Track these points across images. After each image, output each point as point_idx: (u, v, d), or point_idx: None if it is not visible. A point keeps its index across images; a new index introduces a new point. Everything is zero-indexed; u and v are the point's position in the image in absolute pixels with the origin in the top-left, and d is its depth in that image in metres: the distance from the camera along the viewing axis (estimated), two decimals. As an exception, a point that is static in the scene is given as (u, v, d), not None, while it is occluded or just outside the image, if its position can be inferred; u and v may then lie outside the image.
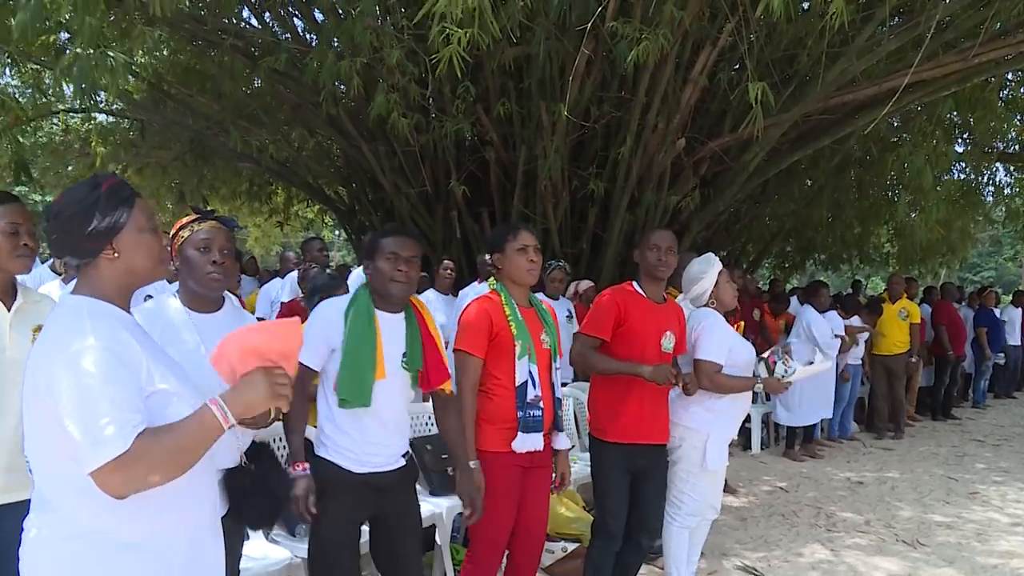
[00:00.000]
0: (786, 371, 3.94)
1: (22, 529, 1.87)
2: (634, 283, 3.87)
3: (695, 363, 4.00)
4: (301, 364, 2.87)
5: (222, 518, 2.36)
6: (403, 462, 3.05)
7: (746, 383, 4.00)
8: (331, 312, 2.96)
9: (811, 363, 4.26)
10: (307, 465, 2.86)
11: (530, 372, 3.29)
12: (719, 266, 4.16)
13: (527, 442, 3.26)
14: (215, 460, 2.10)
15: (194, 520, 1.93)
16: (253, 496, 2.37)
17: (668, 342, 3.80)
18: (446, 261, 6.91)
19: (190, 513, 1.91)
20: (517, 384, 3.27)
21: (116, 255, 1.84)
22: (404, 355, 2.98)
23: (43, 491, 1.82)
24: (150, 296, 3.24)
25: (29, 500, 2.03)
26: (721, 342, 4.02)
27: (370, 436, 2.92)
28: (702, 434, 4.01)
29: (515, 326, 3.27)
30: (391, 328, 2.96)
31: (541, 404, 3.30)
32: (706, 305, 4.14)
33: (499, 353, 3.27)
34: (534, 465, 3.35)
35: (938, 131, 10.69)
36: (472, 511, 3.14)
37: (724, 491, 5.36)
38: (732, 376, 4.01)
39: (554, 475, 3.55)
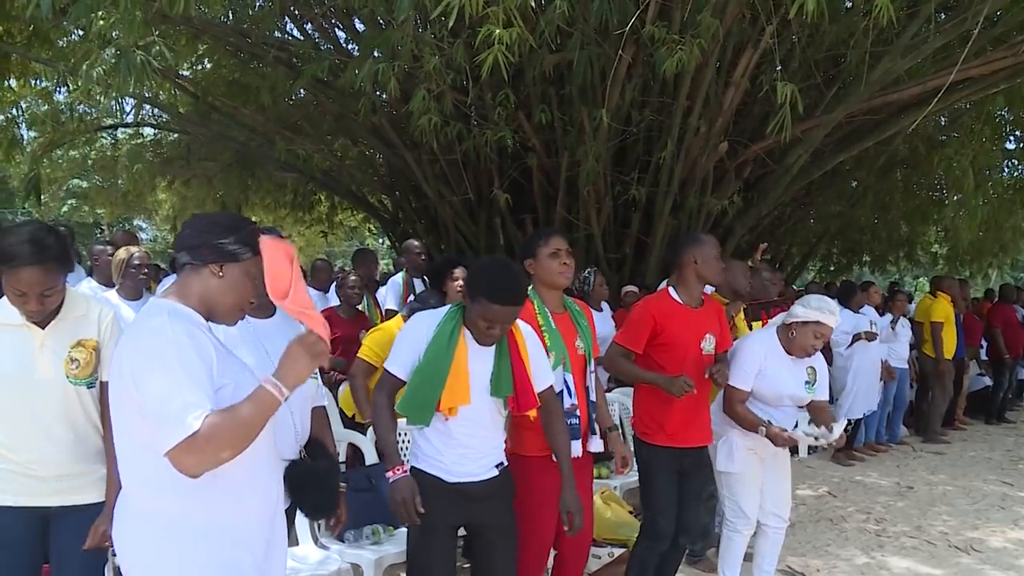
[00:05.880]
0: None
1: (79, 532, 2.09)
2: (671, 290, 3.84)
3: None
4: (388, 372, 2.93)
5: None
6: (496, 472, 3.00)
7: (753, 422, 3.88)
8: (423, 324, 2.93)
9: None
10: (406, 468, 2.84)
11: (565, 381, 3.28)
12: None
13: None
14: (279, 454, 2.21)
15: (262, 509, 2.10)
16: (310, 487, 2.48)
17: (708, 344, 3.79)
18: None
19: (259, 502, 2.08)
20: None
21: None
22: (491, 378, 2.93)
23: (127, 481, 2.00)
24: None
25: (81, 505, 2.37)
26: (746, 367, 3.95)
27: (455, 448, 2.90)
28: (718, 436, 4.04)
29: (548, 336, 3.24)
30: (480, 349, 2.92)
31: (578, 412, 3.29)
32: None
33: None
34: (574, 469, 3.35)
35: (987, 128, 10.49)
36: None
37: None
38: (746, 410, 3.94)
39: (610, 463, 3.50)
